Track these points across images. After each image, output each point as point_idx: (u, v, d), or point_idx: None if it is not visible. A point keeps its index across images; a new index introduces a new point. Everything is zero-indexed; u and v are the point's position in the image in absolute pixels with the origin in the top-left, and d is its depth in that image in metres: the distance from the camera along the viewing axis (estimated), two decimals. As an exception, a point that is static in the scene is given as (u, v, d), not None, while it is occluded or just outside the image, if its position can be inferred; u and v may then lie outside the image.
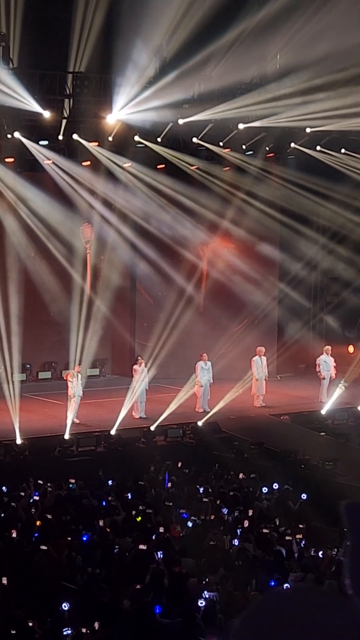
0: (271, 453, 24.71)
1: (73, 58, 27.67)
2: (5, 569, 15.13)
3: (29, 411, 26.77)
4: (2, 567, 15.40)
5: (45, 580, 14.96)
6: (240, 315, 32.96)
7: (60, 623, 13.06)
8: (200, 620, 13.65)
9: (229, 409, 28.12)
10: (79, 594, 14.55)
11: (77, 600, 13.91)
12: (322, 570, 15.94)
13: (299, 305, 34.00)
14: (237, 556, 16.42)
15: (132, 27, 26.79)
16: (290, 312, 33.82)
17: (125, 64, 27.38)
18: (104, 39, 27.69)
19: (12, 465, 23.24)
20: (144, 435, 25.54)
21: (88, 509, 19.16)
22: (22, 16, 26.87)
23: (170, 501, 19.40)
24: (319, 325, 35.14)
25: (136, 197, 31.19)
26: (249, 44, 28.27)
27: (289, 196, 32.31)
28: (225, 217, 32.19)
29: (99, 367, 33.09)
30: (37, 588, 14.72)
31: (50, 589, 14.61)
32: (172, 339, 31.42)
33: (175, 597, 14.38)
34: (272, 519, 18.96)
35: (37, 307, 31.17)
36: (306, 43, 28.04)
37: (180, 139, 30.40)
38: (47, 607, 13.85)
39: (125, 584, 14.85)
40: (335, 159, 32.25)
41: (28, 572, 15.34)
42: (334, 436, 27.18)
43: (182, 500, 19.99)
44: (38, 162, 29.12)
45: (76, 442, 24.64)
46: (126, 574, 15.44)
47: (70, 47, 27.54)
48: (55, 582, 14.86)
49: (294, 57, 28.53)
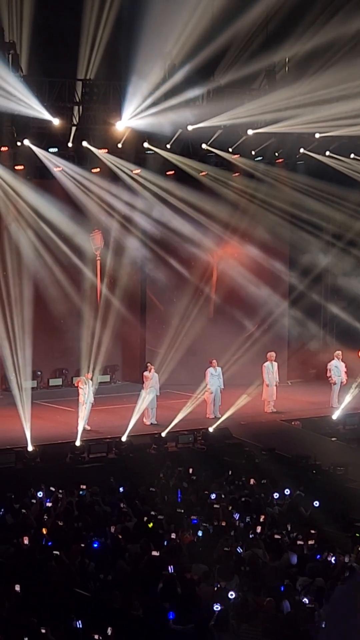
0: (282, 459, 24.68)
1: (82, 65, 27.72)
2: (18, 576, 15.13)
3: (40, 418, 26.79)
4: (15, 574, 15.40)
5: (58, 587, 14.95)
6: (250, 321, 32.96)
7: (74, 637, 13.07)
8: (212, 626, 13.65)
9: (240, 415, 28.11)
10: (92, 600, 14.55)
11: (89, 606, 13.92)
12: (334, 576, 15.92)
13: (310, 310, 33.96)
14: (249, 562, 16.40)
15: (141, 35, 26.82)
16: (301, 317, 33.80)
17: (134, 71, 27.41)
18: (113, 47, 27.73)
19: (23, 472, 23.25)
20: (155, 442, 25.53)
21: (99, 515, 19.16)
22: (32, 24, 26.93)
23: (181, 508, 19.37)
24: (329, 331, 35.10)
25: (146, 203, 31.22)
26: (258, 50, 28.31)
27: (299, 201, 32.31)
28: (235, 222, 32.22)
29: (109, 373, 33.11)
30: (50, 595, 14.71)
31: (62, 596, 14.61)
32: (183, 345, 31.44)
33: (188, 604, 14.36)
34: (284, 525, 18.93)
35: (48, 314, 31.20)
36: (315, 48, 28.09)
37: (190, 145, 30.44)
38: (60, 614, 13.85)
39: (137, 590, 14.85)
40: (345, 164, 32.24)
41: (40, 579, 15.33)
42: (345, 441, 27.15)
43: (193, 506, 19.97)
44: (48, 169, 29.17)
45: (87, 449, 24.66)
46: (138, 580, 15.43)
47: (79, 54, 27.59)
48: (68, 589, 14.85)
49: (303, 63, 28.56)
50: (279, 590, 15.04)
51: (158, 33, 27.11)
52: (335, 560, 16.58)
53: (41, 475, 22.39)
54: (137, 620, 13.87)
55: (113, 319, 31.37)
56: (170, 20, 27.03)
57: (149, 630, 13.60)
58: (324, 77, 28.12)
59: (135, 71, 27.42)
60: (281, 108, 28.83)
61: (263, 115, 29.17)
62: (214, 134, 29.82)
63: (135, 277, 32.74)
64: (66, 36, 28.20)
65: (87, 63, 27.68)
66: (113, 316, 31.36)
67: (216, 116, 28.78)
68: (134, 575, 15.72)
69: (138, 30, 26.87)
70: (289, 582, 15.39)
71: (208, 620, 13.71)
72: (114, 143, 29.11)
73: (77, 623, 13.25)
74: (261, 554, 16.89)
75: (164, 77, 28.13)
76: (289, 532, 18.43)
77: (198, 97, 28.76)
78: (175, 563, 16.00)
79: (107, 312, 31.21)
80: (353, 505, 21.55)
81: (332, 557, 16.71)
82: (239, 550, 17.09)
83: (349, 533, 18.87)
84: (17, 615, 13.73)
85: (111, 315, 31.27)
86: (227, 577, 15.59)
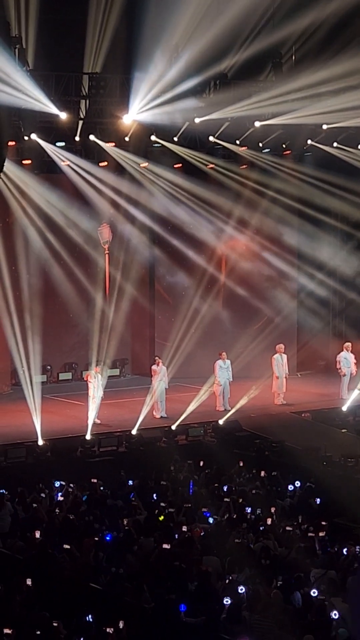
0: (293, 451, 24.67)
1: (89, 59, 27.69)
2: (30, 570, 15.16)
3: (50, 412, 26.83)
4: (27, 568, 15.43)
5: (70, 581, 14.98)
6: (259, 314, 32.94)
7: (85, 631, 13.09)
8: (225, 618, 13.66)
9: (250, 407, 28.11)
10: (103, 593, 14.56)
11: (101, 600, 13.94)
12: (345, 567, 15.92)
13: (319, 302, 33.92)
14: (260, 554, 16.41)
15: (148, 27, 26.78)
16: (310, 309, 33.76)
17: (141, 64, 27.37)
18: (120, 40, 27.70)
19: (34, 467, 23.29)
20: (165, 435, 25.54)
21: (111, 508, 19.18)
22: (38, 18, 26.89)
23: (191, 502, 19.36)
24: (339, 322, 35.04)
25: (154, 196, 31.20)
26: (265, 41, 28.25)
27: (307, 193, 32.24)
28: (243, 215, 32.18)
29: (119, 367, 33.13)
30: (62, 589, 14.73)
31: (74, 590, 14.63)
32: (192, 338, 31.45)
33: (200, 596, 14.38)
34: (295, 517, 18.93)
35: (57, 308, 31.25)
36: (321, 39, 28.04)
37: (197, 138, 30.39)
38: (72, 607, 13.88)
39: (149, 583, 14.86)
40: (353, 155, 32.15)
41: (52, 572, 15.36)
42: (355, 432, 27.10)
43: (204, 499, 19.98)
44: (55, 163, 29.16)
45: (98, 443, 24.68)
46: (150, 573, 15.45)
47: (85, 48, 27.56)
48: (80, 582, 14.87)
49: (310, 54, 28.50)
50: (290, 582, 15.05)
51: (164, 26, 27.06)
52: (347, 552, 16.57)
53: (52, 469, 22.42)
54: (149, 613, 13.89)
55: (122, 312, 31.39)
56: (176, 12, 26.98)
57: (160, 623, 13.61)
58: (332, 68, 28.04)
59: (142, 64, 27.38)
60: (288, 100, 28.76)
61: (270, 107, 29.10)
62: (221, 126, 29.76)
63: (143, 271, 32.73)
64: (72, 30, 28.19)
65: (94, 56, 27.65)
66: (122, 310, 31.37)
67: (223, 108, 28.73)
68: (145, 568, 15.73)
69: (144, 23, 26.83)
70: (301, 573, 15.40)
71: (220, 613, 13.73)
72: (121, 137, 29.07)
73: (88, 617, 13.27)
74: (272, 546, 16.89)
75: (171, 70, 28.08)
76: (300, 524, 18.43)
77: (205, 89, 28.71)
78: (187, 556, 16.03)
79: (116, 305, 31.22)
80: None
81: (344, 549, 16.71)
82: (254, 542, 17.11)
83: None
84: (29, 609, 13.76)
85: (120, 309, 31.28)
86: (239, 569, 15.61)
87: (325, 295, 34.19)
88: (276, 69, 29.95)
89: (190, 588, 14.84)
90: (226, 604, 13.85)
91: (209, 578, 15.03)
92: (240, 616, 13.69)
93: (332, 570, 15.71)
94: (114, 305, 31.29)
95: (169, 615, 13.66)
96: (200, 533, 17.51)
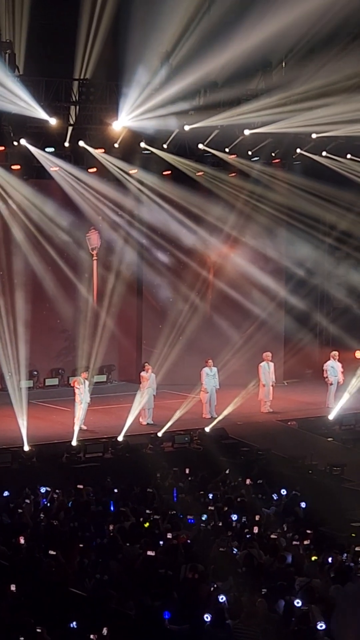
0: (279, 459, 24.68)
1: (79, 65, 27.72)
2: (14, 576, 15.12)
3: (36, 418, 26.79)
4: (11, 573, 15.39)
5: (54, 587, 14.95)
6: (246, 321, 32.96)
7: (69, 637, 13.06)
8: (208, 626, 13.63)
9: (237, 415, 28.11)
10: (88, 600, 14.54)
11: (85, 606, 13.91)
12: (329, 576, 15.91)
13: (306, 310, 33.96)
14: (244, 562, 16.40)
15: (138, 34, 26.83)
16: (297, 317, 33.80)
17: (131, 70, 27.41)
18: (110, 46, 27.75)
19: (19, 472, 23.24)
20: (151, 442, 25.53)
21: (96, 515, 19.15)
22: (28, 23, 26.93)
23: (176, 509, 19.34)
24: (326, 331, 35.11)
25: (142, 203, 31.24)
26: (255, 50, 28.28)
27: (295, 202, 32.31)
28: (231, 223, 32.23)
29: (106, 373, 33.10)
30: (46, 594, 14.70)
31: (59, 596, 14.60)
32: (179, 345, 31.46)
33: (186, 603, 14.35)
34: (280, 525, 18.92)
35: (45, 314, 31.24)
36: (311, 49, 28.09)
37: (186, 145, 30.44)
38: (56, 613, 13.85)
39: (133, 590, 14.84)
40: (341, 164, 32.25)
41: (36, 578, 15.33)
42: (342, 441, 27.15)
43: (190, 506, 19.96)
44: (44, 169, 29.17)
45: (84, 449, 24.65)
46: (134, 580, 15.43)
47: (76, 54, 27.59)
48: (64, 588, 14.85)
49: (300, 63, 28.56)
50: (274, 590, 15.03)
51: (155, 32, 27.11)
52: (332, 561, 16.57)
53: (37, 475, 22.38)
54: (133, 620, 13.86)
55: (109, 318, 31.39)
56: (167, 19, 27.03)
57: (144, 630, 13.59)
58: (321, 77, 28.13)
59: (132, 71, 27.42)
60: (278, 108, 28.82)
61: (259, 116, 29.16)
62: (211, 134, 29.82)
63: (131, 277, 32.73)
64: (63, 36, 28.25)
65: (84, 63, 27.68)
66: (109, 316, 31.38)
67: (213, 116, 28.78)
68: (130, 575, 15.71)
69: (135, 29, 26.87)
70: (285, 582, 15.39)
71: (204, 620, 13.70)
72: (111, 143, 29.12)
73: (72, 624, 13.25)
74: (256, 554, 16.88)
75: (161, 77, 28.12)
76: (284, 532, 18.43)
77: (195, 97, 28.76)
78: (171, 563, 16.01)
79: (103, 311, 31.22)
80: (349, 505, 21.56)
81: (329, 558, 16.70)
82: (235, 551, 17.09)
83: (345, 533, 18.88)
84: (13, 615, 13.72)
85: (107, 315, 31.29)
86: (223, 578, 15.58)
87: (312, 304, 34.24)
88: (266, 77, 29.99)
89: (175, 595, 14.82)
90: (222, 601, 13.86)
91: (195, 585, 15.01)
92: (224, 624, 13.66)
93: (316, 579, 15.70)
94: (102, 311, 31.29)
95: (153, 622, 13.63)
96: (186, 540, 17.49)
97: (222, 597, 14.32)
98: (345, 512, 20.85)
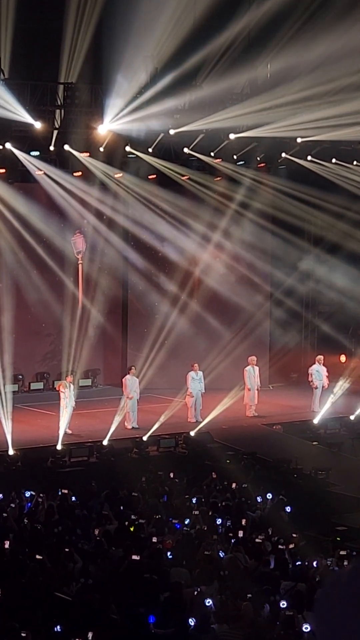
0: (264, 463, 24.68)
1: (64, 69, 27.70)
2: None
3: (21, 422, 26.73)
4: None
5: (39, 591, 14.90)
6: (232, 325, 32.99)
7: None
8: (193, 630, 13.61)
9: (222, 419, 28.11)
10: (72, 604, 14.50)
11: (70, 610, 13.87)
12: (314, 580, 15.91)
13: (291, 315, 34.02)
14: (229, 566, 16.37)
15: (123, 38, 26.83)
16: (282, 321, 33.85)
17: (116, 74, 27.41)
18: (95, 50, 27.74)
19: (4, 476, 23.18)
20: (137, 446, 25.49)
21: (81, 519, 19.11)
22: (13, 27, 26.88)
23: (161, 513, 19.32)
24: (311, 335, 35.17)
25: (128, 207, 31.25)
26: (240, 54, 28.33)
27: (281, 206, 32.38)
28: (217, 227, 32.27)
29: (91, 377, 33.07)
30: (31, 598, 14.65)
31: (43, 600, 14.55)
32: (165, 349, 31.46)
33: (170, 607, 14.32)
34: (265, 529, 18.91)
35: (29, 317, 31.18)
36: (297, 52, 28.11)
37: (172, 149, 30.45)
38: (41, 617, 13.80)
39: (118, 594, 14.81)
40: (326, 168, 32.32)
41: (21, 582, 15.28)
42: (327, 445, 27.17)
43: (175, 510, 19.93)
44: (29, 172, 29.13)
45: (69, 453, 24.60)
46: (119, 584, 15.39)
47: (61, 57, 27.58)
48: (49, 593, 14.80)
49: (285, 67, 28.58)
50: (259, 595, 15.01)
51: (140, 37, 27.12)
52: (317, 564, 16.57)
53: (22, 479, 22.32)
54: (118, 624, 13.83)
55: (94, 322, 31.38)
56: (152, 24, 27.06)
57: (129, 634, 13.56)
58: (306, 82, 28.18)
59: (117, 75, 27.42)
60: (263, 113, 28.86)
61: (245, 120, 29.21)
62: (196, 138, 29.84)
63: (117, 281, 32.73)
64: (48, 39, 28.20)
65: (69, 66, 27.66)
66: (94, 320, 31.37)
67: (198, 120, 28.81)
68: (115, 579, 15.67)
69: (120, 34, 26.87)
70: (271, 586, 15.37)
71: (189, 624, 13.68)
72: (96, 147, 29.10)
73: (57, 627, 13.22)
74: (241, 558, 16.86)
75: (146, 81, 28.15)
76: (269, 536, 18.42)
77: (180, 101, 28.77)
78: (156, 567, 15.98)
79: (88, 315, 31.21)
80: (334, 509, 21.58)
81: (314, 562, 16.70)
82: (221, 555, 17.07)
83: (330, 537, 18.90)
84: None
85: (92, 319, 31.27)
86: (208, 581, 15.56)
87: (297, 308, 34.30)
88: (251, 82, 30.03)
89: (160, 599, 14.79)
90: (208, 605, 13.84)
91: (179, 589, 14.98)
92: (209, 628, 13.64)
93: (302, 583, 15.70)
94: (86, 315, 31.26)
95: (138, 626, 13.61)
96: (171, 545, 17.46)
97: (209, 601, 14.31)
98: (331, 516, 20.85)
